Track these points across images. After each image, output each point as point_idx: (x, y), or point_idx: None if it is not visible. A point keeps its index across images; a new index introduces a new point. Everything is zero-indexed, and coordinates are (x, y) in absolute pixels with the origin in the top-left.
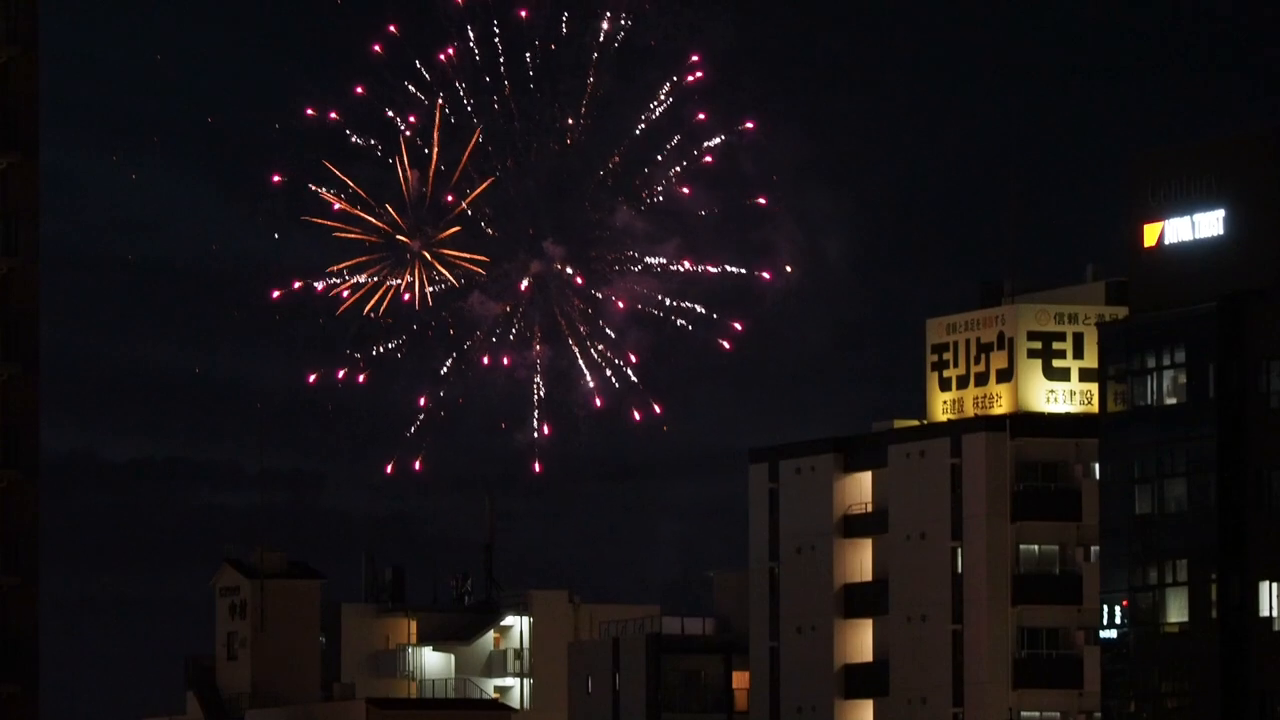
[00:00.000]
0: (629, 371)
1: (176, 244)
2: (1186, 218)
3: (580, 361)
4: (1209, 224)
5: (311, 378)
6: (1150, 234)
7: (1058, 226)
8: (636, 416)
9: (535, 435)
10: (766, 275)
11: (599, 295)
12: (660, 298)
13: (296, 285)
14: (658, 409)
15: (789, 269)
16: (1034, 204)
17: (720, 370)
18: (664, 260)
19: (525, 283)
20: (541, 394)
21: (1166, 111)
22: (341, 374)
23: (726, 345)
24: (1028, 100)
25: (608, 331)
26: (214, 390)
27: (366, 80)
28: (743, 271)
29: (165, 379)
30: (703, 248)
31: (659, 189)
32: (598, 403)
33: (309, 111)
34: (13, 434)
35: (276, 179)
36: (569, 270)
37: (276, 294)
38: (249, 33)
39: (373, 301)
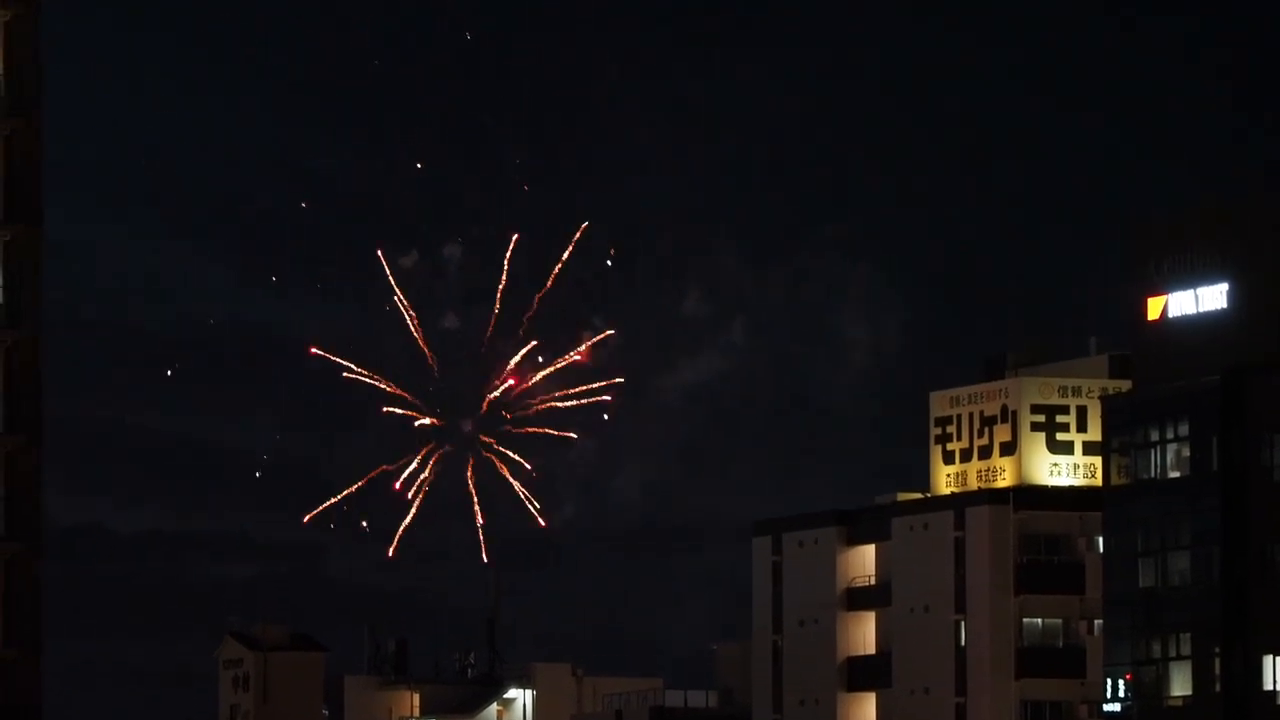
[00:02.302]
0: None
1: (183, 313)
2: (1190, 291)
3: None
4: (1212, 297)
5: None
6: (1154, 307)
7: (1061, 299)
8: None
9: (568, 514)
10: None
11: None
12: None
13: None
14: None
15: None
16: (1037, 277)
17: (750, 444)
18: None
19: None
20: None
21: (1171, 185)
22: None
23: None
24: (1030, 172)
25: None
26: (221, 461)
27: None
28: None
29: (173, 450)
30: (765, 328)
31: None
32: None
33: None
34: (16, 505)
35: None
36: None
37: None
38: (259, 99)
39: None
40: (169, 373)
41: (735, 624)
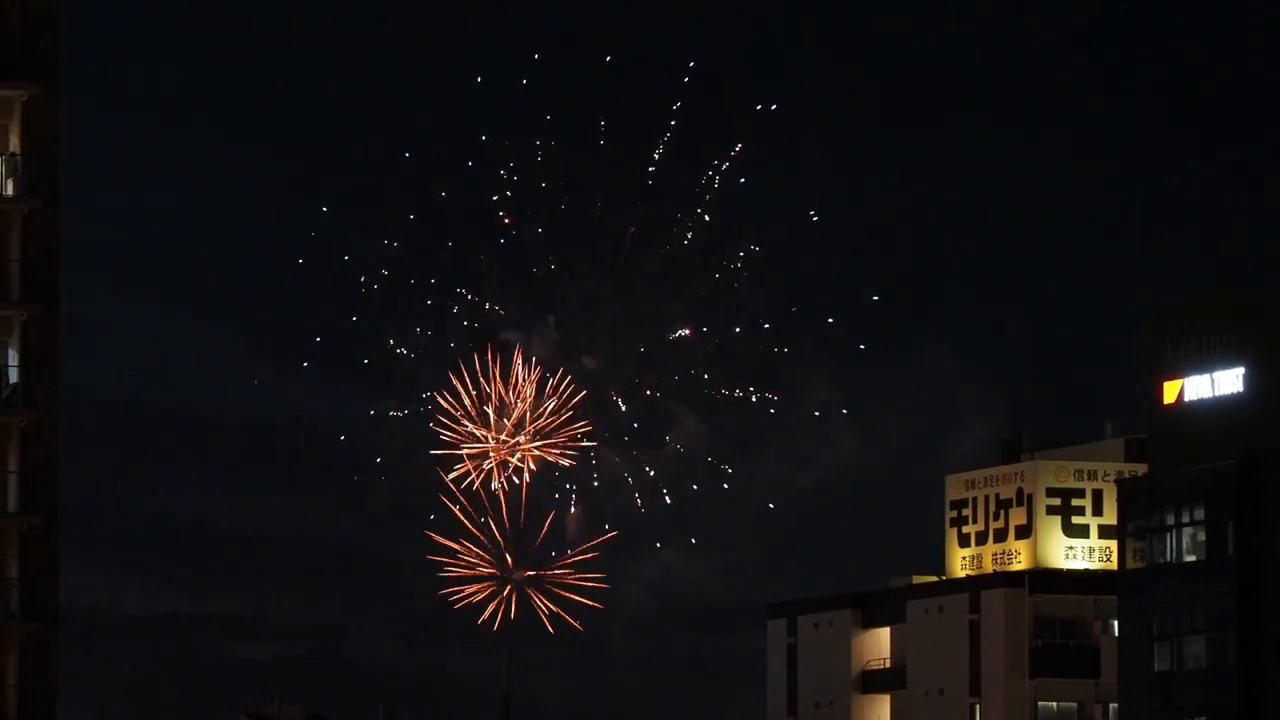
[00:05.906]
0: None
1: (199, 394)
2: (1206, 375)
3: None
4: (1228, 381)
5: None
6: (1170, 391)
7: (1077, 383)
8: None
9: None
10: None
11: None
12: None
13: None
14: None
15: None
16: (1053, 360)
17: (771, 525)
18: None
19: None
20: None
21: (1186, 267)
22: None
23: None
24: (1045, 256)
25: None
26: (238, 542)
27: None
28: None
29: (190, 530)
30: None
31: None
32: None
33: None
34: (32, 587)
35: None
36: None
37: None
38: (277, 180)
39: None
40: (186, 454)
41: (750, 707)
